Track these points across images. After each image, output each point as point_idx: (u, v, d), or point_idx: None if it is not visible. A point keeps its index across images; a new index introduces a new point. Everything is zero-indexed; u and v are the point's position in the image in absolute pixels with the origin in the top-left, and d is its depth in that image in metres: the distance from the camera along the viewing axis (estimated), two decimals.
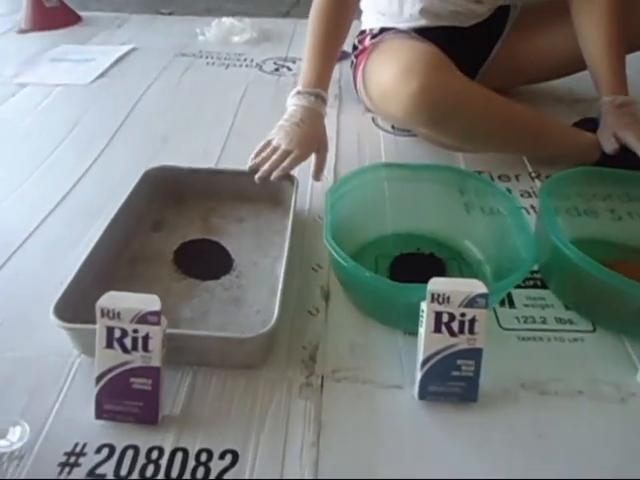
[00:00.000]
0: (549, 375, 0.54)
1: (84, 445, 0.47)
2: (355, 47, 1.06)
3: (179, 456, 0.46)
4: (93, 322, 0.47)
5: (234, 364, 0.54)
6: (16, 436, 0.46)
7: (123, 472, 0.45)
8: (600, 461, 0.47)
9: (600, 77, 0.86)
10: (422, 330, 0.49)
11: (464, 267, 0.68)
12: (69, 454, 0.46)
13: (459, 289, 0.48)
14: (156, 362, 0.47)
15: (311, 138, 0.76)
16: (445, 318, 0.48)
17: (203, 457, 0.46)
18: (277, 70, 1.27)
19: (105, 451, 0.46)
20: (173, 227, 0.75)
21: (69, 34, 1.48)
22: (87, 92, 1.13)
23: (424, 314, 0.49)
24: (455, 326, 0.49)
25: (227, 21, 1.47)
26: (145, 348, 0.47)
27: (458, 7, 0.98)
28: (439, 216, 0.72)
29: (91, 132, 0.98)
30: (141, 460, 0.46)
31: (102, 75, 1.20)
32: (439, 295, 0.48)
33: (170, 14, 1.69)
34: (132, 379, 0.47)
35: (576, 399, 0.52)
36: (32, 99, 1.09)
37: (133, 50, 1.34)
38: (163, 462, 0.46)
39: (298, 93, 0.79)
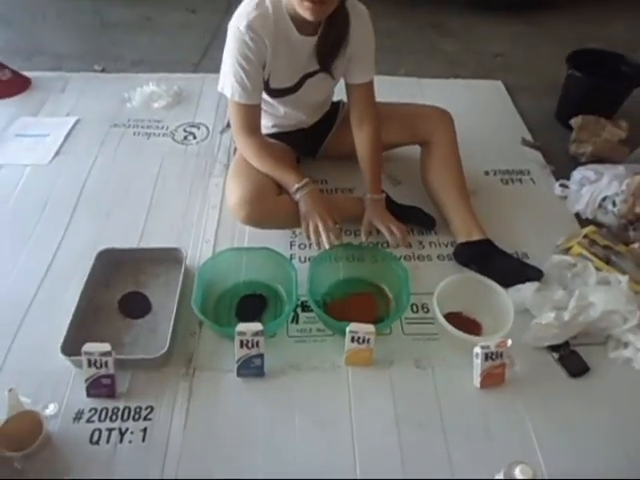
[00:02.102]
0: (305, 360, 1.16)
1: (83, 409, 1.06)
2: None
3: (127, 410, 1.06)
4: (79, 353, 1.04)
5: (151, 366, 1.13)
6: (53, 408, 1.04)
7: (102, 418, 1.04)
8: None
9: (365, 180, 1.41)
10: None
11: (279, 302, 1.27)
12: (77, 412, 1.05)
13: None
14: (111, 371, 1.05)
15: (326, 208, 1.27)
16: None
17: (139, 409, 1.06)
18: (185, 138, 1.77)
19: (92, 410, 1.06)
20: (116, 285, 1.30)
21: (24, 101, 1.91)
22: (49, 171, 1.61)
23: None
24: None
25: (148, 89, 1.93)
26: (106, 365, 1.04)
27: (296, 121, 1.48)
28: (267, 270, 1.30)
29: (57, 210, 1.49)
30: (109, 413, 1.05)
31: (57, 153, 1.67)
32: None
33: (102, 70, 2.11)
34: (102, 380, 1.05)
35: (314, 372, 1.14)
36: (10, 181, 1.57)
37: (78, 122, 1.81)
38: (119, 414, 1.05)
39: (297, 190, 1.27)
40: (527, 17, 2.66)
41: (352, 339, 1.10)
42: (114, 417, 1.05)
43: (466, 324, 1.21)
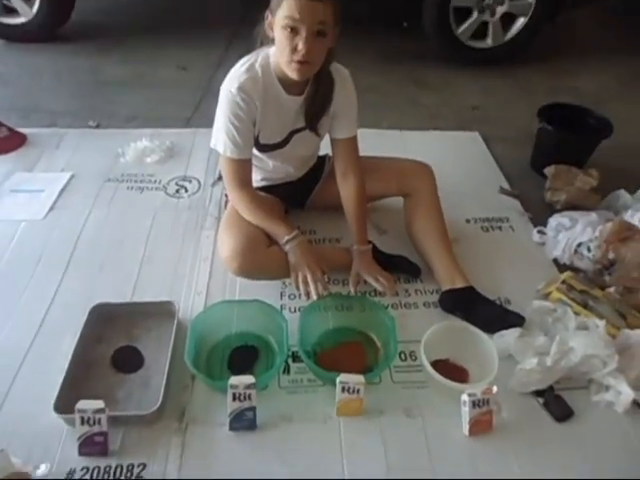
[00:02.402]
0: (297, 411, 1.17)
1: (75, 468, 1.05)
2: None
3: (119, 467, 1.06)
4: (72, 411, 1.05)
5: (144, 422, 1.13)
6: (44, 468, 1.03)
7: (94, 477, 1.04)
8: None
9: (353, 231, 1.47)
10: None
11: (270, 353, 1.30)
12: (69, 472, 1.05)
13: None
14: (104, 429, 1.05)
15: (315, 259, 1.33)
16: None
17: (131, 467, 1.06)
18: (177, 192, 1.83)
19: (84, 469, 1.05)
20: (109, 339, 1.32)
21: (19, 157, 1.96)
22: (43, 226, 1.65)
23: None
24: None
25: (141, 144, 2.00)
26: (99, 423, 1.05)
27: (284, 174, 1.56)
28: (258, 322, 1.33)
29: (51, 265, 1.52)
30: (101, 471, 1.05)
31: (52, 208, 1.72)
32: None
33: (97, 126, 2.19)
34: (94, 437, 1.05)
35: (306, 423, 1.16)
36: (5, 236, 1.60)
37: (72, 177, 1.86)
38: (111, 472, 1.05)
39: (287, 242, 1.32)
40: (501, 71, 2.83)
41: (342, 389, 1.13)
42: (106, 475, 1.05)
43: (453, 371, 1.24)
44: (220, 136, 1.32)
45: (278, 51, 1.22)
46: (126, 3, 3.32)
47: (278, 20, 1.17)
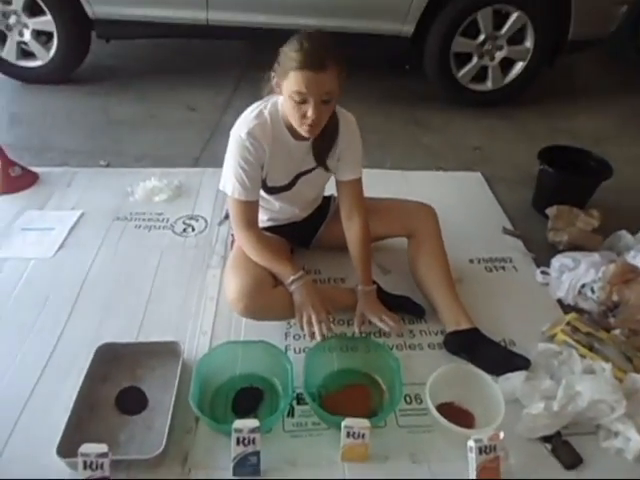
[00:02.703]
0: (301, 456, 1.16)
1: None
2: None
3: None
4: (74, 454, 1.04)
5: (147, 466, 1.12)
6: None
7: None
8: None
9: (357, 272, 1.49)
10: None
11: (274, 395, 1.29)
12: None
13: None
14: (107, 473, 1.04)
15: (319, 300, 1.34)
16: None
17: None
18: (184, 231, 1.86)
19: None
20: (114, 379, 1.32)
21: (31, 195, 2.01)
22: (52, 265, 1.67)
23: None
24: None
25: (150, 183, 2.05)
26: (102, 467, 1.04)
27: (290, 215, 1.59)
28: (263, 363, 1.33)
29: (58, 303, 1.53)
30: None
31: (61, 246, 1.75)
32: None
33: (107, 165, 2.25)
34: None
35: (311, 468, 1.14)
36: (14, 274, 1.63)
37: (82, 216, 1.90)
38: None
39: (292, 282, 1.34)
40: (500, 112, 2.90)
41: (347, 434, 1.12)
42: None
43: (458, 415, 1.23)
44: (229, 178, 1.36)
45: (288, 114, 1.27)
46: (138, 47, 3.44)
47: (285, 89, 1.22)
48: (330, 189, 1.64)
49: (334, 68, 1.19)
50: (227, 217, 1.77)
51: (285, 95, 1.24)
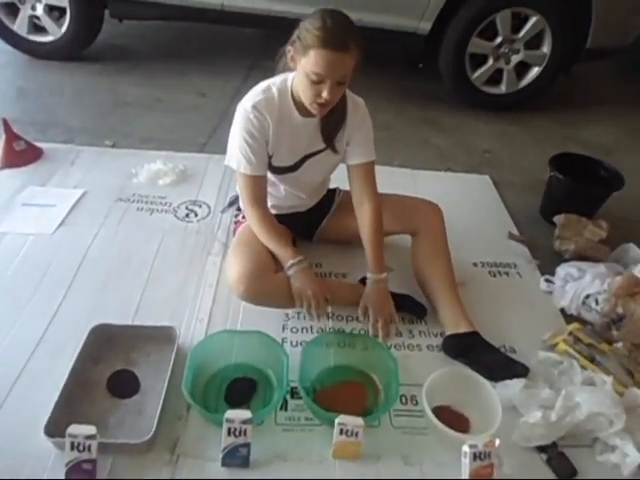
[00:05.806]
0: (292, 450, 1.14)
1: None
2: (236, 214, 1.64)
3: None
4: (62, 434, 1.02)
5: (135, 451, 1.10)
6: None
7: None
8: None
9: (368, 259, 1.45)
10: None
11: (268, 387, 1.27)
12: None
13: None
14: (94, 456, 1.02)
15: (317, 284, 1.35)
16: None
17: None
18: (187, 216, 1.84)
19: None
20: (107, 361, 1.30)
21: (34, 171, 1.98)
22: (51, 241, 1.65)
23: None
24: None
25: (155, 166, 2.02)
26: (89, 449, 1.02)
27: (294, 202, 1.56)
28: (259, 354, 1.31)
29: (55, 281, 1.51)
30: None
31: (62, 224, 1.72)
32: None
33: (113, 146, 2.22)
34: (82, 465, 1.02)
35: (301, 464, 1.12)
36: (12, 249, 1.60)
37: (84, 195, 1.87)
38: None
39: (292, 265, 1.34)
40: (512, 117, 2.86)
41: (341, 431, 1.10)
42: None
43: (454, 419, 1.21)
44: (234, 153, 1.36)
45: (300, 90, 1.25)
46: (150, 29, 3.40)
47: (302, 66, 1.20)
48: (335, 182, 1.61)
49: (355, 50, 1.17)
50: (230, 205, 1.74)
51: (300, 71, 1.21)
